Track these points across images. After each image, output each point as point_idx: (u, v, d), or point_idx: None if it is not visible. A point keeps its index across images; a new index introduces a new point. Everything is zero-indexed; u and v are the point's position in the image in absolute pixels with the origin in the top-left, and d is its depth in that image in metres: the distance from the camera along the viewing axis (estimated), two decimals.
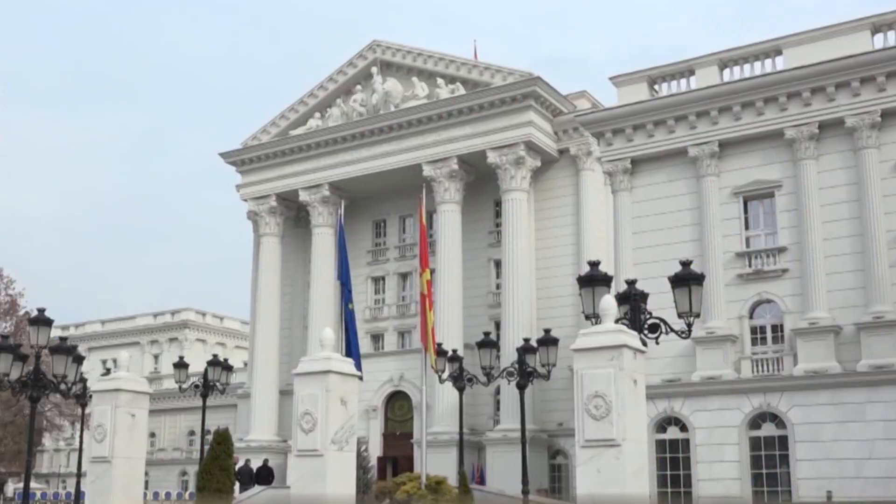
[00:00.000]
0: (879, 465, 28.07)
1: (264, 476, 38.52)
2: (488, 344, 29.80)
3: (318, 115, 52.80)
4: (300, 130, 52.97)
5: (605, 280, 18.21)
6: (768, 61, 33.35)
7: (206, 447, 23.33)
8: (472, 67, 48.16)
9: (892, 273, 29.56)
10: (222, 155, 55.31)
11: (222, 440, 19.60)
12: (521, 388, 27.87)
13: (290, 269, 55.18)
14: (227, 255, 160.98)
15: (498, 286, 47.69)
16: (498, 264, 47.78)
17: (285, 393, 48.65)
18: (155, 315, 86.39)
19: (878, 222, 29.89)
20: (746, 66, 33.79)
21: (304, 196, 52.12)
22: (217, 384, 31.05)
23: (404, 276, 52.06)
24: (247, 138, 54.62)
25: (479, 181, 48.40)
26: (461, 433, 33.48)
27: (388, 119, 49.30)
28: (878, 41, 31.62)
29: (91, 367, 68.84)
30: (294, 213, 54.86)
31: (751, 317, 32.01)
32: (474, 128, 46.93)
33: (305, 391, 14.54)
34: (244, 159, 54.41)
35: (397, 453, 47.98)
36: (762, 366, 31.27)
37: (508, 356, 36.49)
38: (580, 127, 40.63)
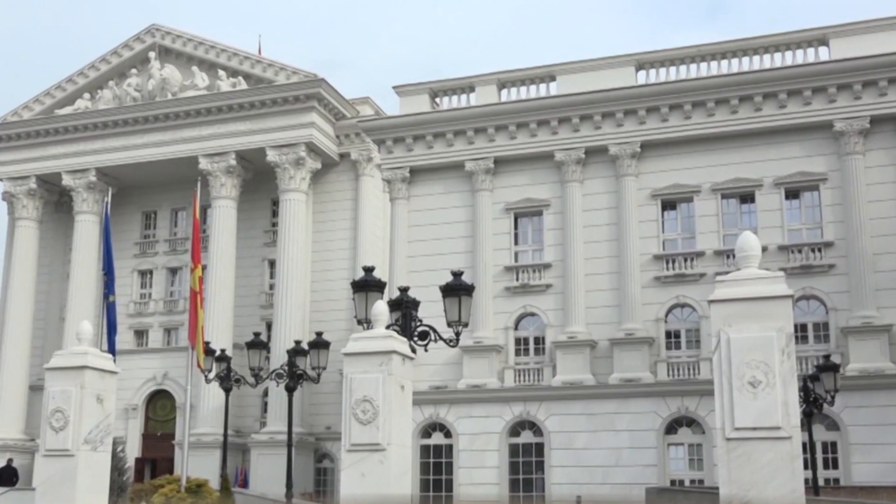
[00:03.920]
0: (625, 472, 30.07)
1: (7, 477, 36.28)
2: (258, 344, 29.26)
3: (87, 96, 49.92)
4: (67, 110, 49.89)
5: (379, 286, 18.38)
6: (543, 86, 34.99)
7: None
8: (256, 63, 47.26)
9: (643, 293, 31.75)
10: None
11: None
12: (290, 390, 27.56)
13: (48, 257, 51.85)
14: None
15: (271, 286, 47.01)
16: (273, 264, 47.11)
17: (36, 388, 45.60)
18: None
19: (633, 245, 32.05)
20: (523, 89, 35.27)
21: (67, 180, 49.13)
22: None
23: (174, 271, 50.22)
24: (6, 114, 50.87)
25: (258, 179, 47.56)
26: (226, 435, 32.72)
27: (163, 107, 47.42)
28: (642, 77, 33.97)
29: None
30: (56, 198, 51.60)
31: (516, 328, 33.37)
32: (255, 124, 46.07)
33: (57, 387, 13.75)
34: (1, 136, 50.67)
35: (157, 455, 46.16)
36: (524, 376, 32.66)
37: (279, 358, 36.05)
38: (362, 133, 40.91)
